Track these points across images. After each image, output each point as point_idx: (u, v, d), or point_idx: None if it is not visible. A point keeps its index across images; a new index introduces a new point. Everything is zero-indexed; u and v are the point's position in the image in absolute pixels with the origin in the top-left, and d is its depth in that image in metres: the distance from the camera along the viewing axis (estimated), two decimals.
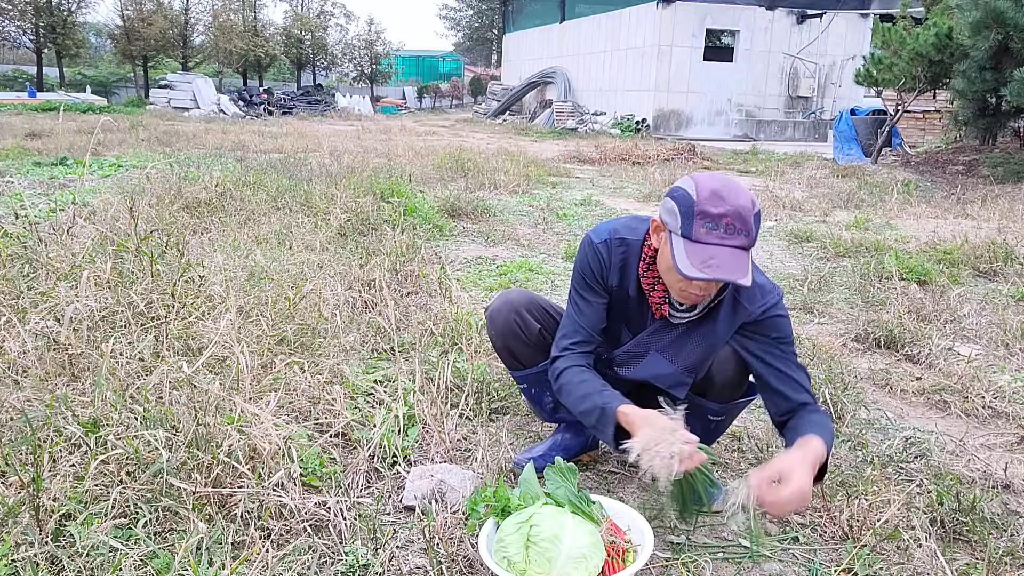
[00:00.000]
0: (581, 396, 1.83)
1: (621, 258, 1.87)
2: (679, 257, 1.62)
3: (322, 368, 2.55)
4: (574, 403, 1.85)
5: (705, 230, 1.60)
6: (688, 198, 1.63)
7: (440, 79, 41.06)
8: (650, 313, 1.89)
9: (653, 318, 1.89)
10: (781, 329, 1.85)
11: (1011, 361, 3.20)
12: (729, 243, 1.60)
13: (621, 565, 1.61)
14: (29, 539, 1.58)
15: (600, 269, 1.88)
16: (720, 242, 1.60)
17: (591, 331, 1.92)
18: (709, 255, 1.59)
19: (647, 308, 1.89)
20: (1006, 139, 11.48)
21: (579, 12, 24.46)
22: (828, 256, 5.18)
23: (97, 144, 10.24)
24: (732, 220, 1.60)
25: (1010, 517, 1.96)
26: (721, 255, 1.59)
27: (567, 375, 1.88)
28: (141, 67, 31.94)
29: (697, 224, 1.61)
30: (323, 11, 37.92)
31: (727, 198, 1.60)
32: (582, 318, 1.91)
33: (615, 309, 1.93)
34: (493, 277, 4.34)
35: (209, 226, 4.68)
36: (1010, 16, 8.98)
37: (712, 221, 1.60)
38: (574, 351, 1.91)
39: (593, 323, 1.92)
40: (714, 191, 1.61)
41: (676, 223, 1.64)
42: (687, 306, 1.84)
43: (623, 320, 1.95)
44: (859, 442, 2.39)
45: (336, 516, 1.79)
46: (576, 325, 1.92)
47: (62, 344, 2.34)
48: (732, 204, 1.60)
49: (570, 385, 1.87)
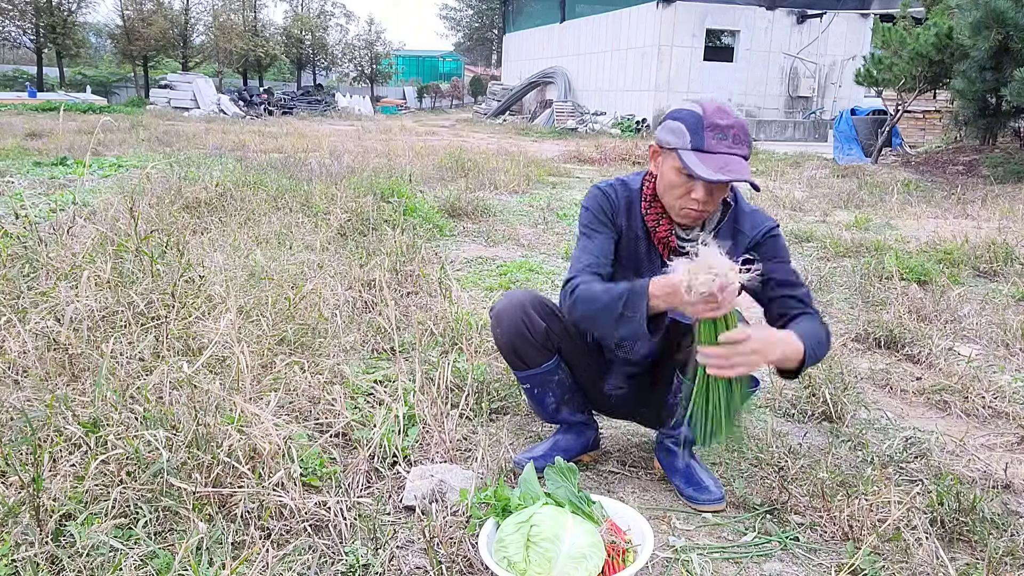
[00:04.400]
0: (603, 290, 1.79)
1: (626, 199, 2.00)
2: (694, 166, 1.73)
3: (322, 368, 2.55)
4: (595, 298, 1.79)
5: (716, 140, 1.75)
6: (695, 115, 1.77)
7: (440, 79, 41.07)
8: (657, 255, 1.96)
9: (660, 261, 1.94)
10: (779, 249, 1.96)
11: (1011, 361, 3.20)
12: (737, 152, 1.76)
13: (621, 565, 1.61)
14: (29, 539, 1.58)
15: (610, 207, 1.99)
16: (729, 151, 1.75)
17: (603, 261, 1.94)
18: (724, 161, 1.74)
19: (655, 251, 1.97)
20: (1006, 139, 11.47)
21: (579, 12, 24.46)
22: (828, 256, 5.18)
23: (97, 144, 10.25)
24: (738, 131, 1.76)
25: (1010, 517, 1.96)
26: (733, 161, 1.74)
27: (584, 286, 1.83)
28: (141, 67, 31.96)
29: (708, 135, 1.75)
30: (323, 11, 37.97)
31: (730, 112, 1.79)
32: (594, 248, 1.95)
33: (626, 254, 1.99)
34: (493, 277, 4.34)
35: (209, 226, 4.68)
36: (1010, 16, 8.98)
37: (722, 132, 1.75)
38: (587, 272, 1.89)
39: (604, 253, 1.95)
40: (719, 107, 1.79)
41: (684, 139, 1.77)
42: (693, 233, 1.92)
43: (633, 267, 1.99)
44: (859, 442, 2.38)
45: (336, 516, 1.79)
46: (588, 256, 1.94)
47: (62, 344, 2.34)
48: (735, 119, 1.78)
49: (589, 291, 1.81)
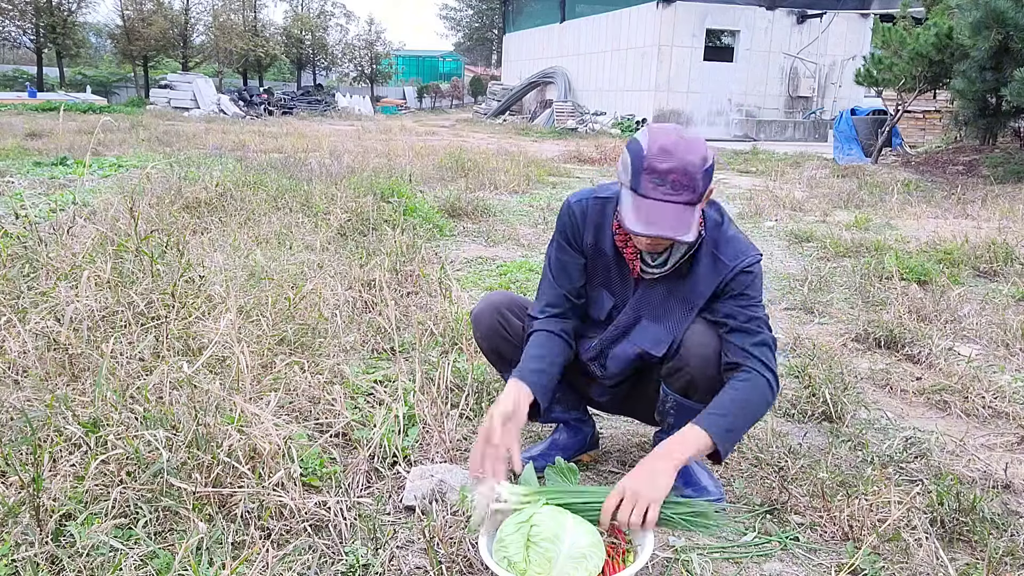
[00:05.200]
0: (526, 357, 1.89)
1: (597, 217, 1.91)
2: (625, 211, 1.66)
3: (322, 368, 2.55)
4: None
5: (652, 185, 1.63)
6: (639, 152, 1.65)
7: (440, 79, 41.08)
8: (628, 272, 1.92)
9: (632, 278, 1.92)
10: (749, 288, 1.82)
11: (1011, 361, 3.20)
12: (674, 199, 1.62)
13: (621, 565, 1.61)
14: (29, 539, 1.58)
15: (574, 228, 1.92)
16: (664, 198, 1.62)
17: (563, 292, 1.95)
18: (657, 211, 1.62)
19: (626, 268, 1.92)
20: (1006, 139, 11.47)
21: (579, 12, 24.46)
22: (828, 256, 5.17)
23: (97, 144, 10.24)
24: (678, 177, 1.61)
25: (1010, 517, 1.96)
26: (665, 211, 1.62)
27: (532, 338, 1.93)
28: (141, 67, 31.96)
29: (644, 179, 1.63)
30: (323, 11, 37.97)
31: (675, 153, 1.62)
32: (556, 280, 1.96)
33: (595, 271, 1.96)
34: (493, 277, 4.34)
35: (209, 226, 4.68)
36: (1010, 16, 8.98)
37: (659, 176, 1.62)
38: (547, 315, 1.95)
39: (566, 284, 1.95)
40: (663, 147, 1.62)
41: (627, 176, 1.68)
42: (659, 260, 1.85)
43: (604, 283, 1.96)
44: (859, 442, 2.38)
45: (336, 516, 1.79)
46: (553, 287, 1.96)
47: (62, 344, 2.34)
48: (680, 160, 1.61)
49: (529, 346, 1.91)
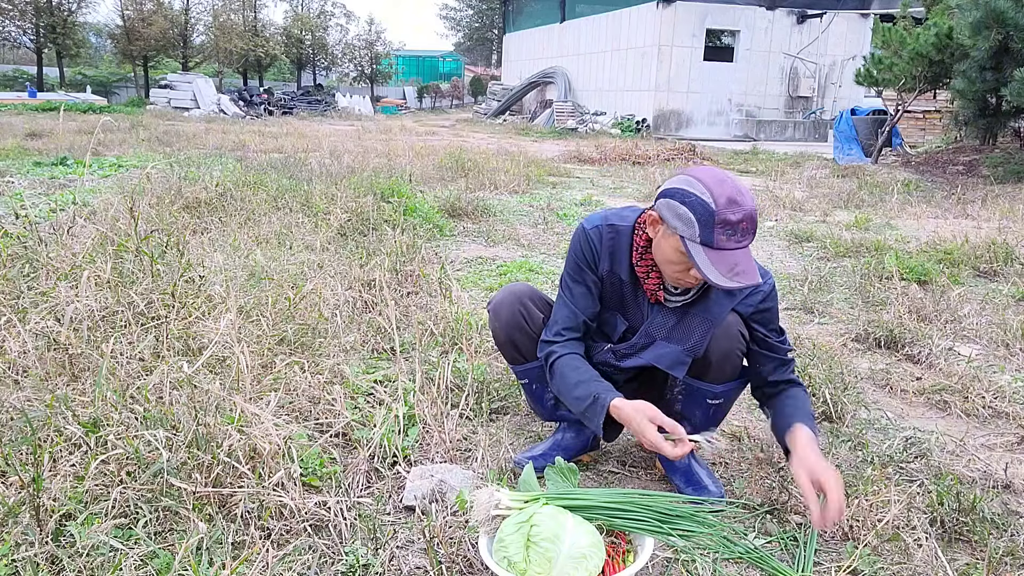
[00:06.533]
0: (576, 383, 1.89)
1: (611, 244, 1.93)
2: (705, 267, 1.65)
3: (322, 368, 2.55)
4: (568, 388, 1.91)
5: (726, 237, 1.65)
6: (706, 206, 1.64)
7: (440, 79, 41.08)
8: (644, 298, 1.94)
9: (647, 302, 1.94)
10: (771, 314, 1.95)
11: (1011, 361, 3.20)
12: (744, 245, 1.67)
13: (621, 565, 1.61)
14: (29, 539, 1.58)
15: (592, 255, 1.95)
16: (737, 246, 1.66)
17: (583, 318, 1.97)
18: (734, 261, 1.65)
19: (641, 293, 1.94)
20: (1006, 139, 11.47)
21: (579, 12, 24.45)
22: (828, 256, 5.17)
23: (97, 144, 10.24)
24: (748, 224, 1.66)
25: (1010, 517, 1.96)
26: (743, 260, 1.66)
27: (563, 361, 1.94)
28: (141, 67, 31.95)
29: (718, 232, 1.64)
30: (323, 11, 37.97)
31: (742, 203, 1.65)
32: (575, 303, 1.97)
33: (609, 296, 1.98)
34: (493, 277, 4.34)
35: (209, 226, 4.68)
36: (1010, 16, 8.98)
37: (731, 228, 1.64)
38: (566, 338, 1.97)
39: (585, 309, 1.97)
40: (730, 198, 1.64)
41: (693, 231, 1.66)
42: (681, 289, 1.89)
43: (618, 307, 1.99)
44: (859, 442, 2.38)
45: (336, 516, 1.79)
46: (569, 311, 1.97)
47: (62, 344, 2.34)
48: (747, 208, 1.65)
49: (566, 369, 1.93)
